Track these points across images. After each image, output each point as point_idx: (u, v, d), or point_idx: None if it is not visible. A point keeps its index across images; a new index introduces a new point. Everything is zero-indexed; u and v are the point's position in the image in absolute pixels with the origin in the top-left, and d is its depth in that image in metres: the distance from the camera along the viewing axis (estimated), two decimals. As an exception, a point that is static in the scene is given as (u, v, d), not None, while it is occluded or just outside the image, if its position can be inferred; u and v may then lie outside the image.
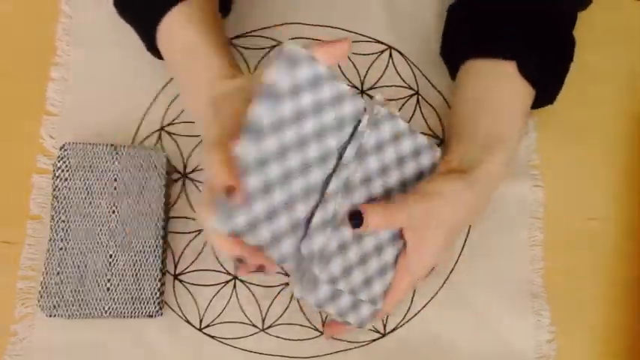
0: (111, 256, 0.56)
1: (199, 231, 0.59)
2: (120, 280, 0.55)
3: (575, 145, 0.62)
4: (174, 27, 0.52)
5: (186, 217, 0.59)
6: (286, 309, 0.57)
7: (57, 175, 0.57)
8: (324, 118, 0.46)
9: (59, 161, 0.57)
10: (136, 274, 0.56)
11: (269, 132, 0.43)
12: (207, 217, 0.43)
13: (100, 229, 0.56)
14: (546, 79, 0.54)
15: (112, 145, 0.57)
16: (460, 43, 0.57)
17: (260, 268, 0.48)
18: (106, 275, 0.55)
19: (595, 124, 0.62)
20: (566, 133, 0.62)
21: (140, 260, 0.56)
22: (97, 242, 0.56)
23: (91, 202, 0.56)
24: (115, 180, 0.57)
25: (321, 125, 0.46)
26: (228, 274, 0.58)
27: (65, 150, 0.57)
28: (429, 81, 0.63)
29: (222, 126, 0.45)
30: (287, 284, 0.58)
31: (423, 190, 0.49)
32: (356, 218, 0.47)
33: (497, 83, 0.54)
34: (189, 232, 0.59)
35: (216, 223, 0.42)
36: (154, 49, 0.55)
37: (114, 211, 0.56)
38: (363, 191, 0.49)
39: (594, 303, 0.59)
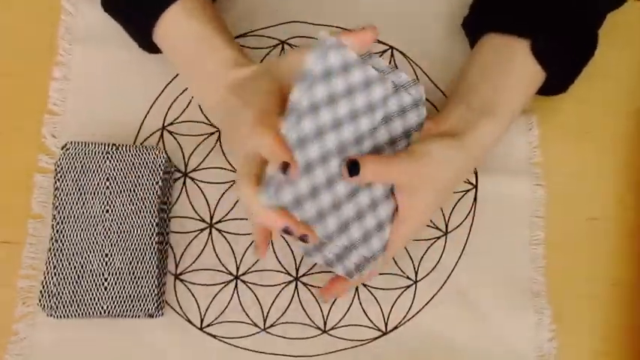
0: (107, 255, 0.56)
1: (200, 230, 0.59)
2: (117, 279, 0.55)
3: (576, 145, 0.62)
4: (179, 19, 0.53)
5: (187, 217, 0.59)
6: (287, 308, 0.57)
7: (58, 174, 0.57)
8: (356, 101, 0.48)
9: (61, 160, 0.57)
10: (133, 273, 0.56)
11: (308, 114, 0.46)
12: (253, 194, 0.45)
13: (96, 228, 0.56)
14: (559, 64, 0.55)
15: (113, 144, 0.57)
16: (481, 15, 0.58)
17: (302, 238, 0.49)
18: (103, 274, 0.55)
19: (596, 123, 0.63)
20: (567, 133, 0.62)
21: (136, 259, 0.56)
22: (94, 241, 0.56)
23: (93, 202, 0.56)
24: (116, 179, 0.57)
25: (353, 108, 0.48)
26: (230, 273, 0.58)
27: (67, 149, 0.57)
28: (430, 80, 0.63)
29: (256, 106, 0.47)
30: (289, 282, 0.58)
31: (414, 149, 0.51)
32: (353, 166, 0.48)
33: (508, 58, 0.54)
34: (190, 232, 0.59)
35: (266, 198, 0.45)
36: (147, 45, 0.57)
37: (107, 210, 0.56)
38: (355, 149, 0.50)
39: (594, 303, 0.59)
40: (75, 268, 0.55)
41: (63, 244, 0.56)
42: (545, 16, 0.54)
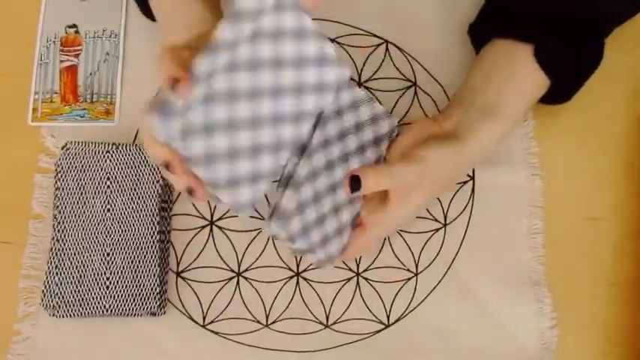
0: (108, 254, 0.56)
1: (202, 227, 0.59)
2: (119, 278, 0.55)
3: (575, 144, 0.62)
4: None
5: (188, 215, 0.59)
6: (289, 304, 0.57)
7: (59, 174, 0.57)
8: (305, 74, 0.47)
9: (61, 160, 0.57)
10: (135, 272, 0.56)
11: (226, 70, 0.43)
12: (147, 117, 0.43)
13: (97, 228, 0.56)
14: (563, 71, 0.55)
15: (113, 143, 0.58)
16: (487, 21, 0.59)
17: (189, 191, 0.47)
18: (105, 273, 0.55)
19: (595, 122, 0.62)
20: (566, 132, 0.62)
21: (138, 257, 0.56)
22: (95, 241, 0.56)
23: (94, 201, 0.57)
24: (116, 178, 0.57)
25: (299, 80, 0.47)
26: (231, 270, 0.58)
27: (67, 149, 0.57)
28: (427, 72, 0.63)
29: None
30: (290, 278, 0.58)
31: (414, 154, 0.51)
32: (356, 182, 0.49)
33: (511, 62, 0.54)
34: (192, 229, 0.59)
35: (157, 123, 0.42)
36: (147, 12, 0.57)
37: (108, 209, 0.57)
38: (321, 155, 0.51)
39: (594, 303, 0.58)
40: (77, 267, 0.55)
41: (64, 244, 0.56)
42: (550, 22, 0.54)
